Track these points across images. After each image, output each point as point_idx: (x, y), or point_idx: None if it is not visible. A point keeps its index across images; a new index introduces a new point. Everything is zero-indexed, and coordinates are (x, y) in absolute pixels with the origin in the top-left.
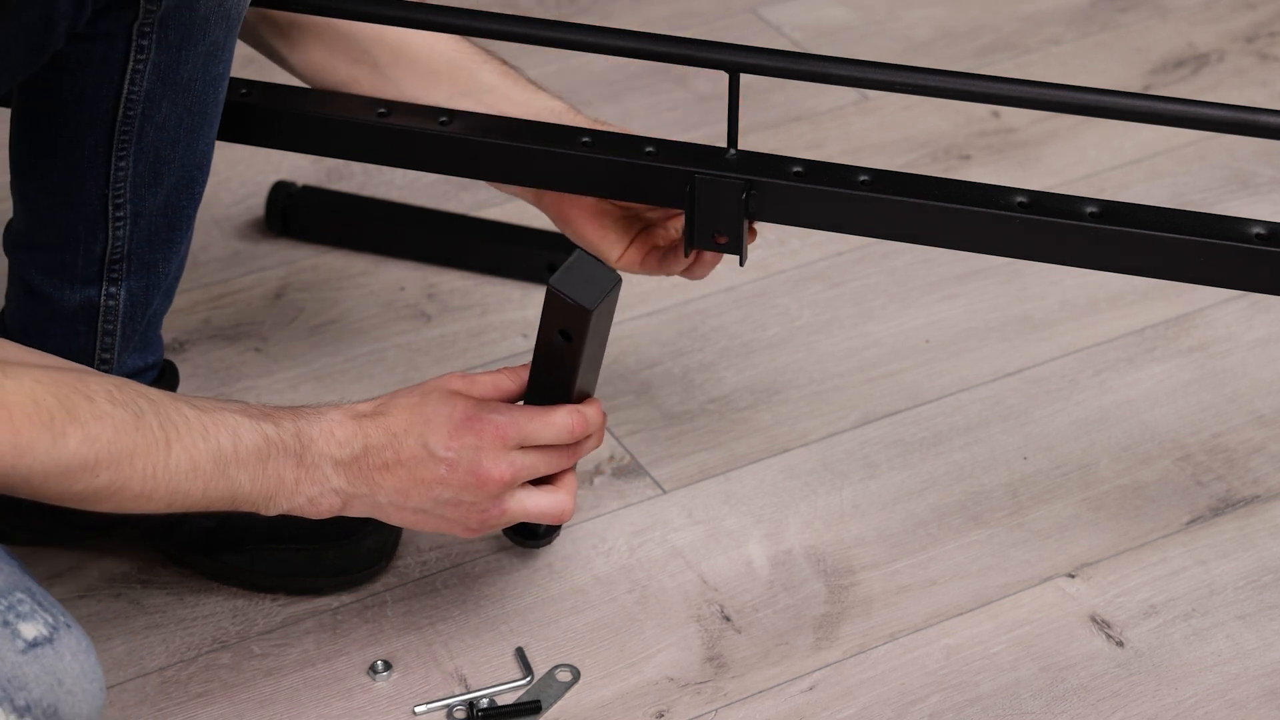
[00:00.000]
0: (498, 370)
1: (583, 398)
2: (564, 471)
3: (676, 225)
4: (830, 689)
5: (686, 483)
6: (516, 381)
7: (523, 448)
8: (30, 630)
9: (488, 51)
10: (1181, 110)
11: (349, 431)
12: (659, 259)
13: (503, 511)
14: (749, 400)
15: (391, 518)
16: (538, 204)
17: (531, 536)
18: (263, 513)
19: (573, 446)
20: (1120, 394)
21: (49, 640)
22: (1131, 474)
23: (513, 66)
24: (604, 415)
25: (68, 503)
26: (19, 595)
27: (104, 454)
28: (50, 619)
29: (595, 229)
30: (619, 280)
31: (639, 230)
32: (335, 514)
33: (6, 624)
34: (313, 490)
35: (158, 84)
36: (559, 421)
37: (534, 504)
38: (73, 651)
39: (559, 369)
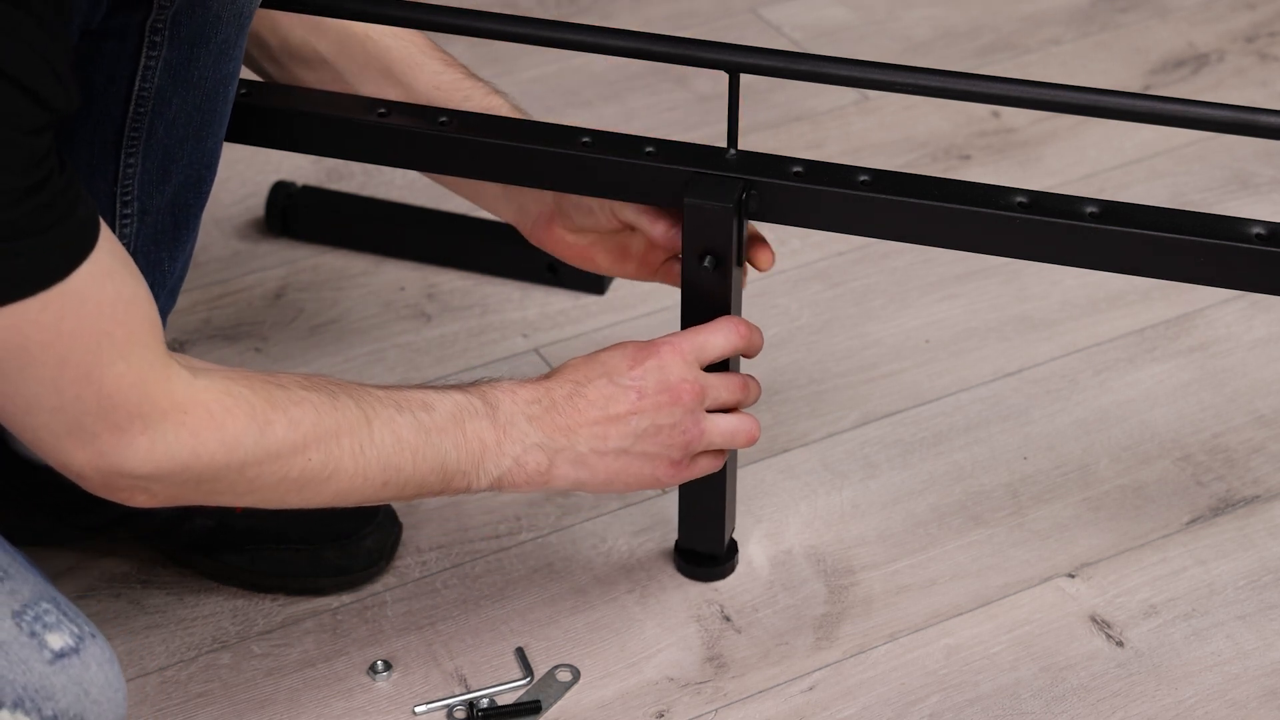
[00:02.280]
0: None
1: None
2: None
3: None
4: (830, 689)
5: None
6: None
7: (703, 366)
8: (57, 641)
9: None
10: (1181, 110)
11: (531, 390)
12: (653, 269)
13: (701, 430)
14: None
15: (597, 471)
16: (523, 231)
17: (713, 563)
18: (474, 487)
19: (747, 380)
20: (1120, 394)
21: (75, 651)
22: (1131, 474)
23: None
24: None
25: (290, 496)
26: (45, 605)
27: (310, 435)
28: (76, 629)
29: (577, 257)
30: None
31: (626, 247)
32: (542, 478)
33: (34, 634)
34: (515, 449)
35: (169, 81)
36: (724, 326)
37: (727, 423)
38: (98, 662)
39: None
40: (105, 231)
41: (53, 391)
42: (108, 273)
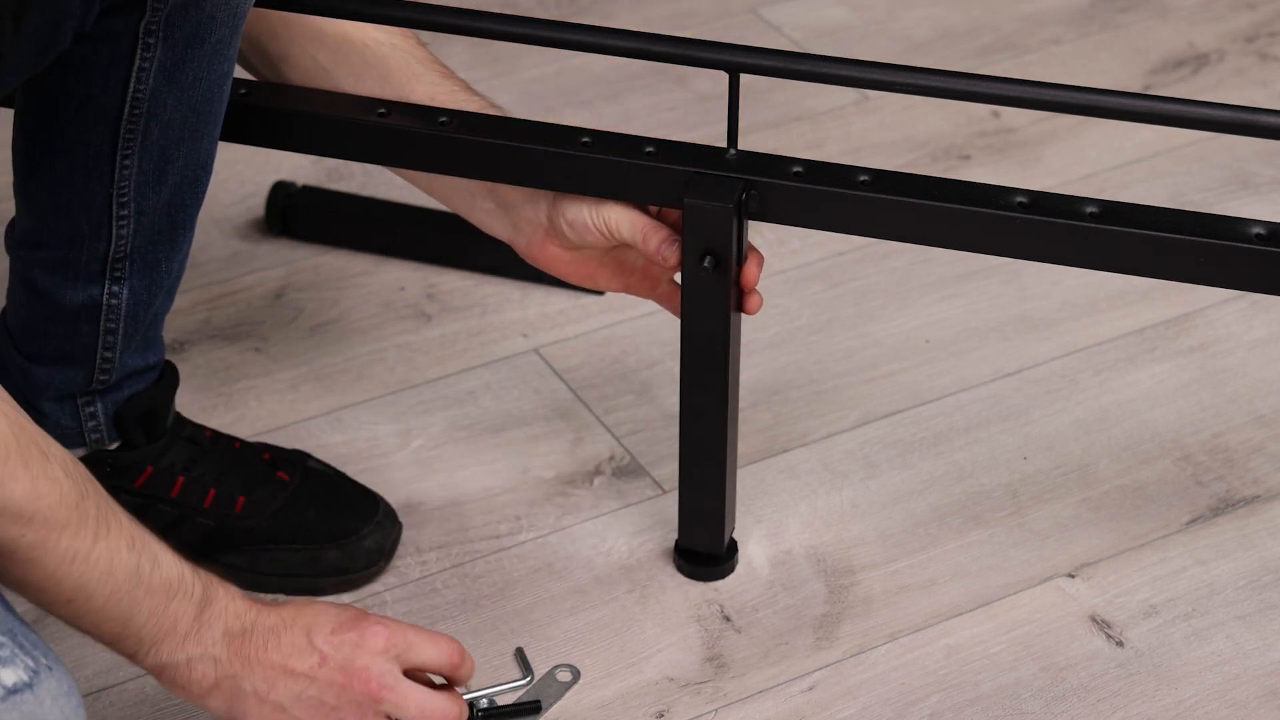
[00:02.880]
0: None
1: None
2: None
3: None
4: (830, 689)
5: None
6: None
7: (405, 669)
8: (10, 676)
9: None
10: (1181, 110)
11: (244, 606)
12: (652, 287)
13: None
14: (749, 400)
15: (249, 712)
16: (518, 250)
17: (713, 562)
18: (137, 657)
19: (453, 698)
20: (1120, 394)
21: (29, 686)
22: (1131, 474)
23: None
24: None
25: None
26: (0, 639)
27: (39, 514)
28: (31, 663)
29: (576, 274)
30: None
31: (624, 263)
32: (199, 692)
33: None
34: (196, 649)
35: (164, 82)
36: (442, 643)
37: None
38: (53, 696)
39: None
40: None
41: None
42: None
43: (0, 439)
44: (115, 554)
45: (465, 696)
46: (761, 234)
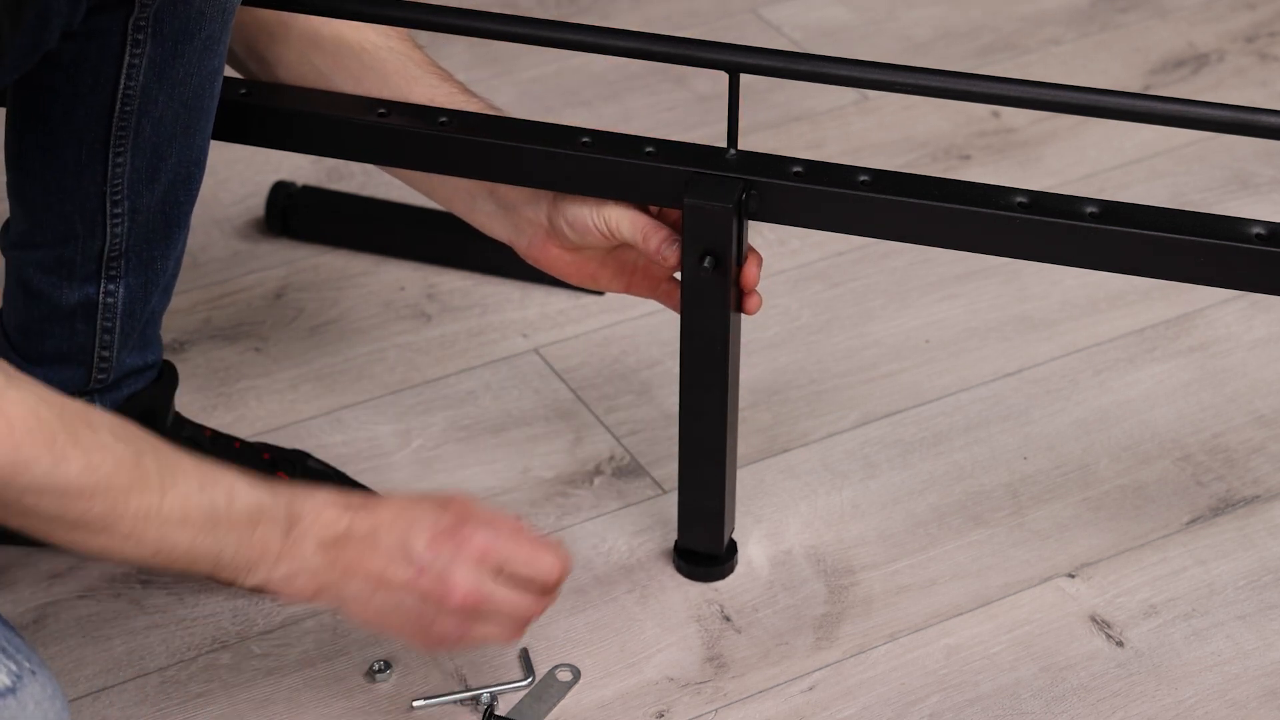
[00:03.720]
0: (512, 521)
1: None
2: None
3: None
4: (830, 689)
5: None
6: (523, 531)
7: (499, 574)
8: None
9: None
10: (1181, 110)
11: (336, 514)
12: (653, 286)
13: (463, 632)
14: (749, 400)
15: (354, 614)
16: (519, 251)
17: (713, 563)
18: (238, 583)
19: (542, 598)
20: (1120, 394)
21: (12, 690)
22: (1131, 474)
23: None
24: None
25: (57, 532)
26: None
27: (101, 485)
28: (14, 667)
29: (577, 275)
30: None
31: (625, 263)
32: (304, 599)
33: None
34: (291, 565)
35: (154, 79)
36: (544, 561)
37: (490, 633)
38: (36, 700)
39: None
40: None
41: None
42: None
43: (43, 423)
44: (186, 500)
45: (466, 694)
46: (761, 234)
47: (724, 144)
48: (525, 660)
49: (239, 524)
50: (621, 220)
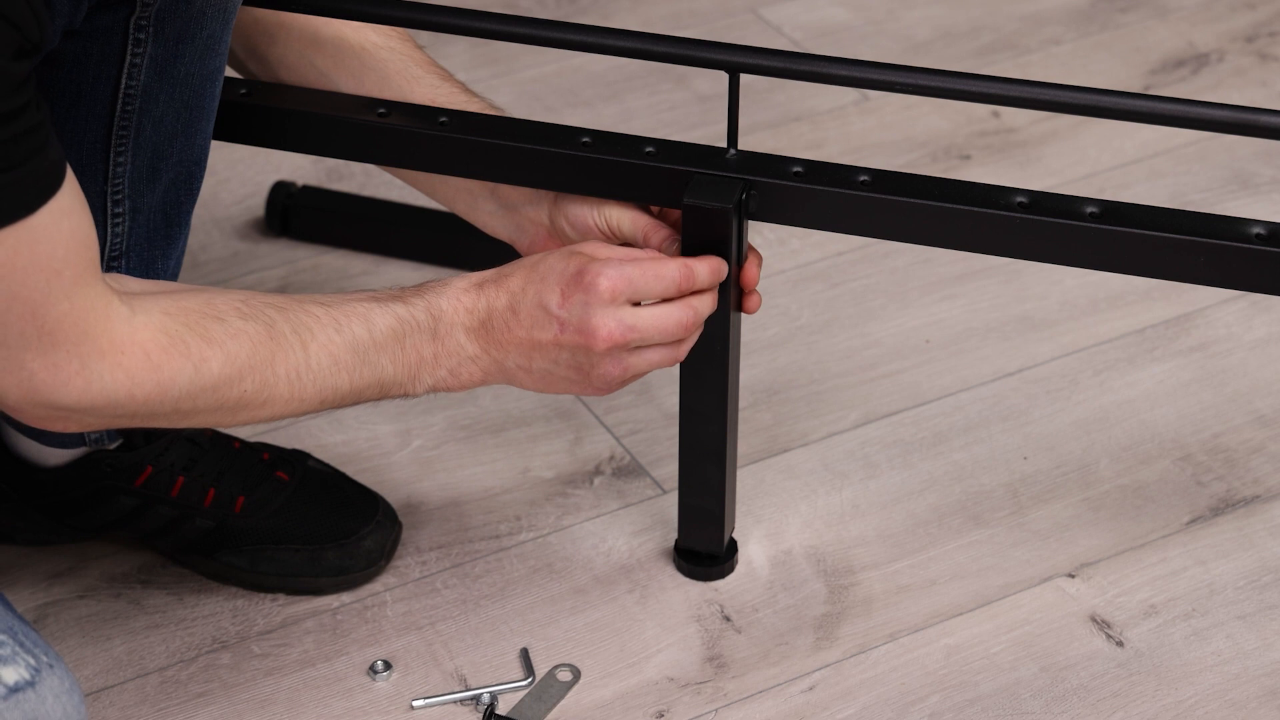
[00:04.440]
0: (640, 251)
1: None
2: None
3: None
4: (830, 689)
5: None
6: (654, 254)
7: (634, 304)
8: (11, 675)
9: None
10: (1181, 110)
11: (474, 298)
12: None
13: (624, 368)
14: (749, 400)
15: (525, 383)
16: (520, 250)
17: (713, 562)
18: (410, 394)
19: (684, 305)
20: (1120, 394)
21: (30, 684)
22: (1131, 474)
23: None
24: (719, 272)
25: (224, 418)
26: (1, 638)
27: (245, 366)
28: (32, 661)
29: None
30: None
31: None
32: (477, 384)
33: None
34: (451, 361)
35: (155, 78)
36: (668, 273)
37: (649, 360)
38: (55, 694)
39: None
40: (69, 170)
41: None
42: (67, 211)
43: (173, 337)
44: (329, 344)
45: (467, 694)
46: (761, 234)
47: (724, 144)
48: (525, 660)
49: (386, 345)
50: (623, 219)
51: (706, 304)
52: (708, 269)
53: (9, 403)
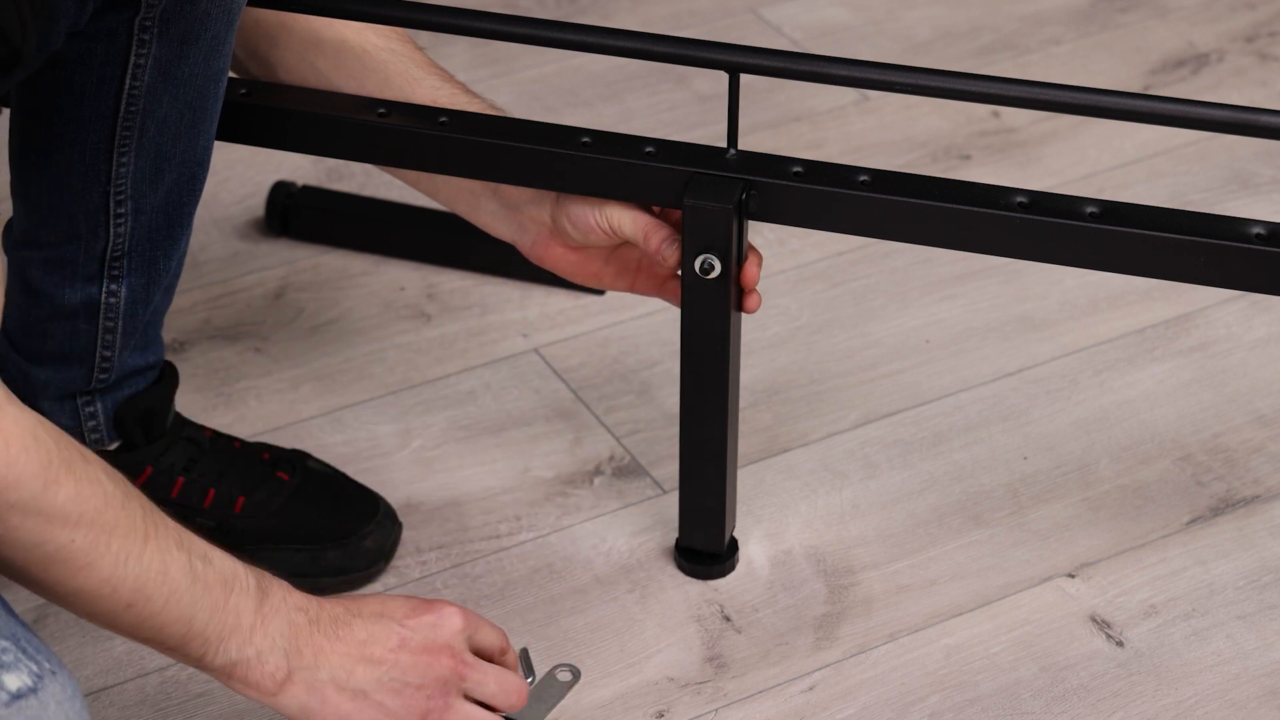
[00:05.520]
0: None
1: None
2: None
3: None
4: (830, 689)
5: None
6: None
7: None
8: (14, 681)
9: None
10: (1181, 110)
11: (304, 598)
12: (658, 285)
13: (446, 707)
14: (749, 400)
15: (327, 705)
16: (522, 250)
17: (713, 561)
18: (204, 661)
19: (519, 688)
20: (1120, 394)
21: (33, 690)
22: (1131, 474)
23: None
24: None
25: (34, 566)
26: (3, 644)
27: (86, 518)
28: (35, 667)
29: (580, 274)
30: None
31: (627, 262)
32: (273, 688)
33: None
34: (263, 644)
35: (159, 79)
36: (496, 630)
37: (474, 714)
38: (57, 700)
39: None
40: None
41: None
42: None
43: (40, 443)
44: (167, 553)
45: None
46: (761, 234)
47: (724, 144)
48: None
49: (214, 588)
50: (624, 219)
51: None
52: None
53: None
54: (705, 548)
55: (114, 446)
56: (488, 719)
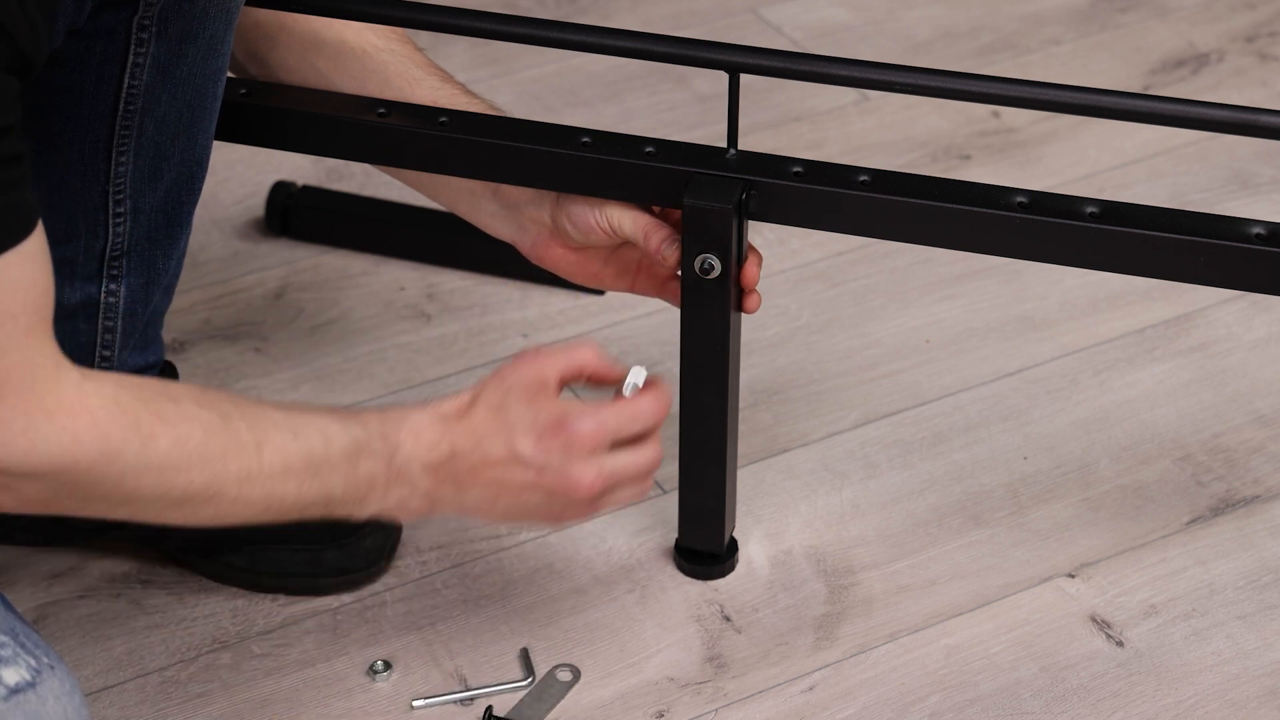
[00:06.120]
0: (581, 347)
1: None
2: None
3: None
4: (830, 689)
5: None
6: (599, 360)
7: (611, 447)
8: (12, 676)
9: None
10: (1181, 110)
11: (435, 435)
12: (658, 285)
13: (595, 508)
14: (749, 400)
15: (482, 516)
16: (522, 251)
17: (713, 561)
18: (354, 516)
19: (653, 444)
20: (1120, 394)
21: (31, 685)
22: (1131, 474)
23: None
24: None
25: (166, 512)
26: (2, 639)
27: (195, 455)
28: (33, 662)
29: (580, 274)
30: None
31: (628, 262)
32: (423, 516)
33: None
34: (402, 491)
35: (158, 78)
36: (643, 414)
37: (620, 498)
38: (55, 695)
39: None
40: (40, 221)
41: None
42: (33, 256)
43: (124, 407)
44: (284, 452)
45: (466, 694)
46: (761, 234)
47: (724, 144)
48: (525, 660)
49: (340, 463)
50: (624, 219)
51: (658, 438)
52: (668, 396)
53: None
54: (705, 548)
55: None
56: (631, 493)
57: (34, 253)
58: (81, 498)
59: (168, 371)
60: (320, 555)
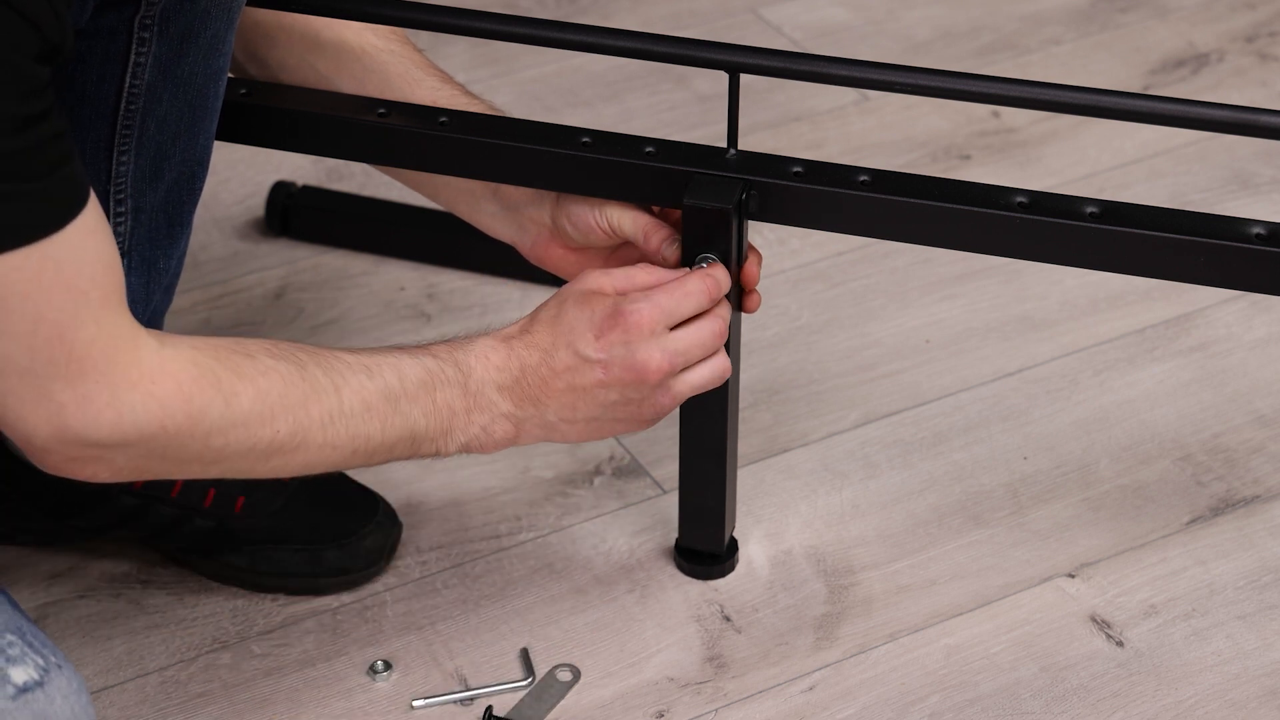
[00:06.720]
0: (635, 267)
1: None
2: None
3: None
4: (830, 689)
5: None
6: (654, 275)
7: (671, 328)
8: (20, 675)
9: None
10: (1181, 110)
11: (502, 356)
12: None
13: (673, 397)
14: (749, 400)
15: (567, 435)
16: (522, 251)
17: (713, 561)
18: (443, 453)
19: (714, 316)
20: (1120, 394)
21: (39, 684)
22: (1131, 474)
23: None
24: (728, 272)
25: (258, 465)
26: (10, 638)
27: (278, 405)
28: (41, 661)
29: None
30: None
31: (628, 262)
32: (509, 443)
33: None
34: (483, 418)
35: (159, 77)
36: (696, 289)
37: (699, 378)
38: (63, 694)
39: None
40: (92, 191)
41: (25, 350)
42: (92, 231)
43: (203, 369)
44: (362, 392)
45: (466, 694)
46: (761, 234)
47: (724, 144)
48: (525, 660)
49: (418, 396)
50: (623, 219)
51: (725, 307)
52: (724, 271)
53: (37, 442)
54: (705, 548)
55: None
56: (709, 373)
57: (93, 226)
58: (173, 460)
59: None
60: (320, 555)
